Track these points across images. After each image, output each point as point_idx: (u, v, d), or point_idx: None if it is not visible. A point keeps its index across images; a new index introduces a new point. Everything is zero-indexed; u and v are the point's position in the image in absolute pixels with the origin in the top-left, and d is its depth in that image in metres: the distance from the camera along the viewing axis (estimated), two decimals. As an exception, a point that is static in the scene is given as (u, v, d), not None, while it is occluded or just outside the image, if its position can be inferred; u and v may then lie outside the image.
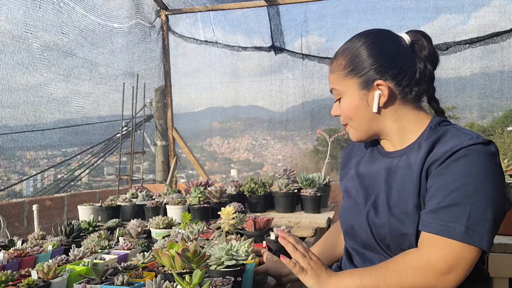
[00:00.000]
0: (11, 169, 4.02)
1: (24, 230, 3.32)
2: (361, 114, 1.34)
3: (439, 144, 1.22)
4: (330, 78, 1.39)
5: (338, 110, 1.40)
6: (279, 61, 5.42)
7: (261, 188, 3.33)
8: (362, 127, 1.36)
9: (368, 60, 1.31)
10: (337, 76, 1.36)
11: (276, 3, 5.01)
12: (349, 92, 1.34)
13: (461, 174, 1.12)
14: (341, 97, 1.36)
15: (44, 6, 3.84)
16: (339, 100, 1.38)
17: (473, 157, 1.13)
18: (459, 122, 5.37)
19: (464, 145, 1.14)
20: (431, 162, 1.20)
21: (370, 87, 1.31)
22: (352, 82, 1.33)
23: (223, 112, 6.14)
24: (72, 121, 4.47)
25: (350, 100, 1.34)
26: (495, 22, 4.64)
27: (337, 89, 1.36)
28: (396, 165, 1.31)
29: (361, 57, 1.33)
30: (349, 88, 1.34)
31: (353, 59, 1.33)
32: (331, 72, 1.38)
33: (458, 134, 1.21)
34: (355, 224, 1.37)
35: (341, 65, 1.35)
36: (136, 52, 5.21)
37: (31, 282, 1.42)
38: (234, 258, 1.47)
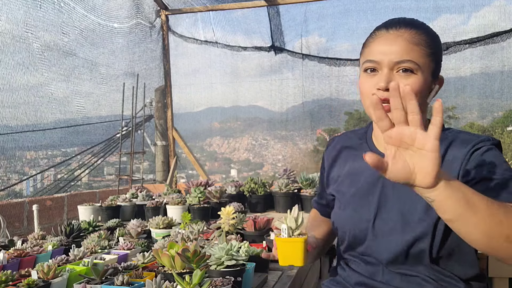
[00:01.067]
0: (12, 169, 4.02)
1: (24, 230, 3.32)
2: (423, 98, 1.22)
3: (454, 147, 1.21)
4: (408, 47, 1.19)
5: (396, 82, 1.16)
6: (279, 61, 5.43)
7: (261, 188, 3.34)
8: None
9: (441, 52, 1.27)
10: (421, 50, 1.20)
11: (276, 3, 5.01)
12: (426, 72, 1.21)
13: (496, 161, 1.13)
14: (414, 72, 1.19)
15: (45, 6, 3.84)
16: (406, 72, 1.19)
17: (495, 152, 1.16)
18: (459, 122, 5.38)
19: (486, 143, 1.17)
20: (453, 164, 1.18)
21: (435, 79, 1.26)
22: (430, 65, 1.22)
23: (223, 112, 6.14)
24: (72, 121, 4.47)
25: (424, 81, 1.20)
26: (495, 22, 4.64)
27: (414, 62, 1.19)
28: None
29: (439, 45, 1.26)
30: (426, 68, 1.21)
31: (436, 43, 1.24)
32: (411, 42, 1.20)
33: (471, 136, 1.21)
34: (358, 234, 1.30)
35: (425, 41, 1.21)
36: (136, 52, 5.21)
37: (31, 282, 1.42)
38: (234, 258, 1.47)
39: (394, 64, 1.19)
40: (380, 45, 1.23)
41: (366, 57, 1.26)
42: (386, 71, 1.20)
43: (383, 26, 1.26)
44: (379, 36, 1.25)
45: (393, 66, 1.20)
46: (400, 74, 1.19)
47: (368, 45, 1.28)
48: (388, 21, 1.29)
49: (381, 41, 1.24)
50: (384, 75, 1.20)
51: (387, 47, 1.21)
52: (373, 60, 1.23)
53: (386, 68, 1.20)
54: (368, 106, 1.24)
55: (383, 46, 1.22)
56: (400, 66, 1.19)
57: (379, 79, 1.21)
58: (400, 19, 1.26)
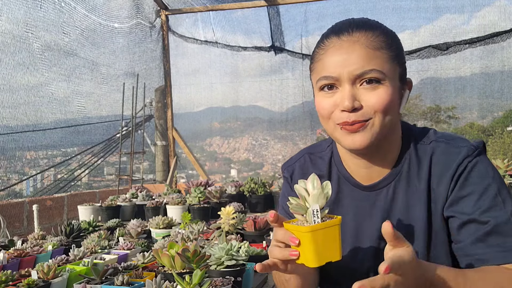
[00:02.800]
0: (12, 169, 4.02)
1: (24, 230, 3.32)
2: (394, 110, 1.05)
3: (436, 169, 1.08)
4: (368, 54, 1.01)
5: (362, 100, 1.02)
6: (279, 61, 5.43)
7: (261, 188, 3.34)
8: (385, 127, 1.04)
9: (403, 52, 1.10)
10: (383, 55, 1.02)
11: (276, 3, 5.01)
12: (393, 79, 1.04)
13: (481, 188, 1.02)
14: (380, 82, 1.02)
15: (45, 6, 3.84)
16: (371, 83, 1.02)
17: (480, 168, 1.04)
18: (459, 122, 5.38)
19: (468, 158, 1.05)
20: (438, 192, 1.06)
21: (404, 83, 1.09)
22: (396, 70, 1.05)
23: (223, 112, 6.15)
24: (73, 121, 4.48)
25: (393, 89, 1.03)
26: (495, 22, 4.65)
27: (379, 71, 1.01)
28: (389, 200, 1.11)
29: (400, 45, 1.09)
30: (393, 75, 1.04)
31: (397, 43, 1.07)
32: (371, 47, 1.02)
33: (451, 153, 1.08)
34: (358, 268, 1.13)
35: (386, 43, 1.04)
36: (136, 52, 5.22)
37: (31, 282, 1.43)
38: (234, 258, 1.48)
39: (355, 77, 1.01)
40: (334, 57, 1.03)
41: (319, 74, 1.06)
42: (347, 87, 1.02)
43: (332, 33, 1.06)
44: (331, 46, 1.05)
45: (355, 79, 1.01)
46: (365, 87, 1.01)
47: (319, 59, 1.07)
48: (337, 25, 1.09)
49: (334, 52, 1.04)
50: (346, 92, 1.01)
51: (343, 58, 1.02)
52: (329, 76, 1.03)
53: (347, 84, 1.02)
54: (333, 129, 1.07)
55: (337, 57, 1.03)
56: (363, 78, 1.01)
57: (342, 98, 1.02)
58: (349, 21, 1.08)
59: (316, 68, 1.08)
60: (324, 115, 1.07)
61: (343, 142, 1.06)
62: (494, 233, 0.98)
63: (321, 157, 1.23)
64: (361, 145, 1.03)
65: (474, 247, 1.00)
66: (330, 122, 1.06)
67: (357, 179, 1.14)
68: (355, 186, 1.15)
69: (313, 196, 0.91)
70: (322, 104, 1.07)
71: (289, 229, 0.92)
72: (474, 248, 1.00)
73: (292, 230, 0.91)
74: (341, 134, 1.05)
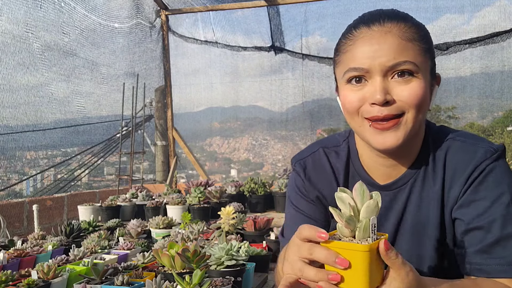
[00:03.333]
0: (12, 169, 4.02)
1: (24, 230, 3.32)
2: (426, 106, 0.99)
3: (451, 163, 1.03)
4: (401, 45, 0.95)
5: (394, 93, 0.95)
6: (279, 61, 5.43)
7: (261, 188, 3.34)
8: (417, 123, 0.98)
9: (433, 45, 1.04)
10: (416, 47, 0.96)
11: (276, 3, 5.01)
12: (425, 73, 0.97)
13: (494, 195, 0.97)
14: (414, 74, 0.95)
15: (45, 6, 3.84)
16: (403, 75, 0.95)
17: (497, 173, 0.99)
18: (459, 122, 5.38)
19: (487, 161, 0.99)
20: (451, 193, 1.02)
21: (434, 78, 1.03)
22: (427, 63, 0.99)
23: (223, 112, 6.15)
24: (73, 121, 4.48)
25: (425, 83, 0.96)
26: (495, 22, 4.65)
27: (413, 63, 0.94)
28: (403, 201, 1.07)
29: (430, 38, 1.02)
30: (425, 68, 0.98)
31: (428, 37, 1.01)
32: (404, 38, 0.95)
33: (468, 152, 1.02)
34: None
35: (419, 35, 0.97)
36: (136, 52, 5.22)
37: (31, 282, 1.43)
38: (234, 258, 1.47)
39: (387, 69, 0.94)
40: (365, 47, 0.96)
41: (347, 65, 0.99)
42: (378, 79, 0.95)
43: (362, 23, 1.00)
44: (361, 36, 0.98)
45: (386, 71, 0.95)
46: (397, 80, 0.95)
47: (347, 50, 1.00)
48: (366, 15, 1.02)
49: (364, 42, 0.97)
50: (378, 85, 0.95)
51: (374, 49, 0.95)
52: (359, 68, 0.96)
53: (378, 76, 0.95)
54: (360, 126, 1.00)
55: (368, 48, 0.96)
56: (395, 69, 0.94)
57: (373, 91, 0.95)
58: (380, 12, 1.01)
59: (343, 59, 1.01)
60: (350, 110, 1.00)
61: (373, 141, 0.99)
62: (499, 245, 0.94)
63: (337, 152, 1.16)
64: (392, 145, 0.97)
65: (477, 257, 0.96)
66: (357, 118, 1.00)
67: (374, 178, 1.10)
68: (371, 185, 1.09)
69: (369, 207, 0.76)
70: (349, 98, 0.99)
71: (336, 247, 0.75)
72: (477, 258, 0.96)
73: (340, 248, 0.74)
74: (371, 132, 0.98)
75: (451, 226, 1.03)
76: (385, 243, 0.73)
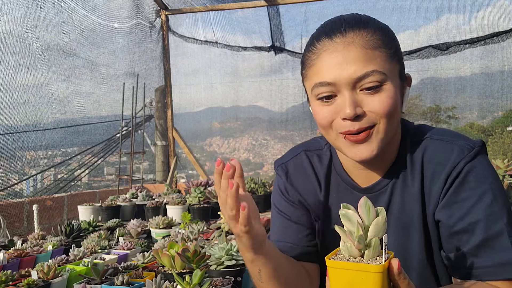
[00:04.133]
0: (12, 169, 4.02)
1: (24, 230, 3.32)
2: (398, 111, 0.97)
3: (428, 163, 1.02)
4: (366, 55, 0.92)
5: (363, 105, 0.93)
6: (279, 61, 5.43)
7: (261, 188, 3.34)
8: (390, 131, 0.97)
9: (399, 46, 1.01)
10: (382, 54, 0.93)
11: (276, 3, 5.01)
12: (394, 78, 0.96)
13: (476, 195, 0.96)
14: (381, 84, 0.93)
15: (45, 6, 3.84)
16: (371, 88, 0.93)
17: (476, 172, 0.97)
18: (459, 122, 5.38)
19: (465, 159, 0.97)
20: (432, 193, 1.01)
21: (403, 80, 1.01)
22: (395, 68, 0.96)
23: (223, 112, 6.14)
24: (73, 121, 4.48)
25: (395, 90, 0.94)
26: (495, 22, 4.65)
27: (380, 72, 0.92)
28: (385, 204, 1.05)
29: (396, 39, 1.00)
30: (393, 74, 0.96)
31: (392, 39, 0.98)
32: (368, 46, 0.93)
33: (445, 151, 1.01)
34: None
35: (383, 41, 0.95)
36: (136, 52, 5.22)
37: (31, 282, 1.43)
38: (234, 258, 1.47)
39: (355, 81, 0.92)
40: (329, 61, 0.94)
41: (313, 80, 0.97)
42: (347, 93, 0.93)
43: (324, 34, 0.97)
44: (323, 50, 0.95)
45: (354, 83, 0.92)
46: (366, 92, 0.93)
47: (312, 64, 0.97)
48: (327, 26, 1.00)
49: (328, 56, 0.94)
50: (347, 99, 0.93)
51: (338, 62, 0.92)
52: (324, 82, 0.94)
53: (346, 90, 0.93)
54: (335, 139, 0.99)
55: (333, 61, 0.93)
56: (363, 82, 0.92)
57: (342, 105, 0.94)
58: (340, 20, 0.99)
59: (309, 74, 0.99)
60: (323, 125, 0.99)
61: (348, 153, 0.98)
62: (486, 246, 0.93)
63: (319, 156, 1.16)
64: (367, 156, 0.96)
65: (466, 261, 0.95)
66: (331, 131, 0.99)
67: (356, 181, 1.09)
68: (353, 188, 1.09)
69: (378, 225, 0.72)
70: (320, 114, 0.98)
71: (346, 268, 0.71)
72: (466, 262, 0.95)
73: (350, 269, 0.70)
74: (345, 144, 0.98)
75: (435, 226, 1.02)
76: (398, 263, 0.72)
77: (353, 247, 0.73)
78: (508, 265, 0.91)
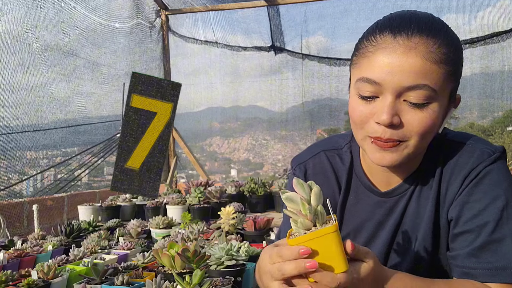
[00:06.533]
0: (12, 169, 4.03)
1: (24, 230, 3.33)
2: (434, 132, 0.94)
3: (448, 165, 1.01)
4: (424, 67, 0.86)
5: (403, 117, 0.89)
6: (279, 61, 5.43)
7: (261, 188, 3.34)
8: (420, 149, 0.95)
9: (462, 63, 0.95)
10: (440, 70, 0.87)
11: (276, 3, 5.01)
12: (443, 98, 0.90)
13: (489, 198, 0.95)
14: (428, 101, 0.88)
15: (45, 6, 3.84)
16: (418, 104, 0.88)
17: (494, 176, 0.96)
18: (459, 122, 5.38)
19: (484, 163, 0.96)
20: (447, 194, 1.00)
21: (452, 100, 0.97)
22: (448, 87, 0.91)
23: (223, 112, 6.15)
24: (73, 121, 4.48)
25: (439, 110, 0.90)
26: (495, 22, 4.65)
27: (431, 88, 0.87)
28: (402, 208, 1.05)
29: (461, 57, 0.94)
30: (444, 93, 0.90)
31: (458, 54, 0.91)
32: (429, 59, 0.86)
33: (467, 154, 0.99)
34: None
35: (447, 56, 0.88)
36: (137, 52, 5.22)
37: (31, 282, 1.43)
38: (234, 258, 1.48)
39: (402, 90, 0.87)
40: (385, 60, 0.88)
41: (362, 72, 0.92)
42: (390, 98, 0.88)
43: (389, 29, 0.90)
44: (383, 46, 0.89)
45: (401, 92, 0.88)
46: (411, 104, 0.88)
47: (366, 56, 0.92)
48: (395, 20, 0.92)
49: (385, 54, 0.88)
50: (387, 105, 0.88)
51: (394, 64, 0.87)
52: (373, 81, 0.89)
53: (390, 94, 0.88)
54: (362, 139, 0.96)
55: (387, 61, 0.87)
56: (410, 93, 0.87)
57: (381, 109, 0.89)
58: (411, 19, 0.91)
59: (360, 63, 0.93)
60: (357, 122, 0.95)
61: (371, 157, 0.96)
62: (488, 249, 0.93)
63: (340, 156, 1.13)
64: (389, 164, 0.94)
65: (466, 260, 0.95)
66: (361, 131, 0.96)
67: (376, 184, 1.07)
68: (371, 191, 1.08)
69: (317, 194, 0.80)
70: (357, 111, 0.94)
71: (305, 240, 0.76)
72: (466, 261, 0.95)
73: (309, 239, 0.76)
74: (371, 148, 0.95)
75: (447, 228, 1.02)
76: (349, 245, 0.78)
77: (307, 220, 0.78)
78: (506, 270, 0.92)
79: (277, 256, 0.79)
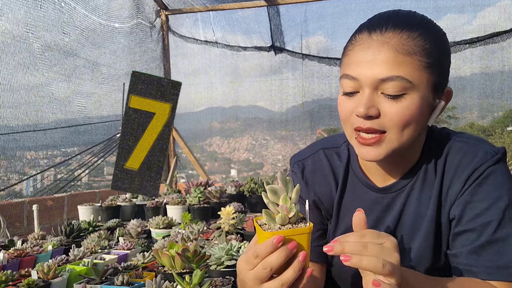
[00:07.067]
0: (12, 169, 4.03)
1: (24, 230, 3.33)
2: (417, 124, 0.95)
3: (451, 164, 1.02)
4: (396, 59, 0.90)
5: (380, 108, 0.92)
6: (279, 61, 5.43)
7: (261, 188, 3.34)
8: (405, 142, 0.95)
9: (448, 58, 1.01)
10: (415, 62, 0.91)
11: (276, 3, 5.01)
12: (422, 89, 0.93)
13: (492, 198, 0.97)
14: (404, 92, 0.91)
15: (45, 6, 3.84)
16: (394, 95, 0.91)
17: (496, 176, 0.98)
18: (459, 122, 5.38)
19: (487, 163, 0.98)
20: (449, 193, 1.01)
21: (440, 94, 1.00)
22: (428, 79, 0.93)
23: (223, 112, 6.15)
24: (73, 121, 4.48)
25: (421, 102, 0.93)
26: (496, 22, 4.65)
27: (406, 79, 0.90)
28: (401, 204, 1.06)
29: (444, 49, 0.98)
30: (423, 84, 0.93)
31: (438, 48, 0.96)
32: (401, 51, 0.90)
33: (468, 155, 1.01)
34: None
35: (422, 48, 0.92)
36: (137, 52, 5.22)
37: (31, 282, 1.43)
38: (234, 258, 1.48)
39: (378, 83, 0.91)
40: (360, 56, 0.93)
41: (343, 70, 0.98)
42: (367, 91, 0.92)
43: (366, 28, 0.96)
44: (359, 43, 0.95)
45: (377, 84, 0.92)
46: (387, 95, 0.91)
47: (346, 54, 0.99)
48: (374, 18, 0.99)
49: (361, 51, 0.94)
50: (364, 98, 0.92)
51: (368, 59, 0.92)
52: (351, 76, 0.94)
53: (367, 88, 0.92)
54: (350, 135, 1.00)
55: (362, 57, 0.93)
56: (386, 85, 0.91)
57: (359, 102, 0.94)
58: (388, 16, 0.97)
59: (343, 63, 1.00)
60: (343, 117, 1.00)
61: (357, 152, 1.00)
62: (490, 247, 0.94)
63: (338, 154, 1.15)
64: (373, 159, 0.97)
65: (468, 258, 0.96)
66: (348, 127, 0.99)
67: (373, 180, 1.09)
68: (369, 187, 1.09)
69: (298, 192, 0.82)
70: (341, 107, 0.99)
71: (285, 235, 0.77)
72: (467, 259, 0.96)
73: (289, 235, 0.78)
74: (356, 144, 0.99)
75: (448, 227, 1.03)
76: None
77: (287, 217, 0.80)
78: (507, 269, 0.93)
79: (254, 258, 0.79)
